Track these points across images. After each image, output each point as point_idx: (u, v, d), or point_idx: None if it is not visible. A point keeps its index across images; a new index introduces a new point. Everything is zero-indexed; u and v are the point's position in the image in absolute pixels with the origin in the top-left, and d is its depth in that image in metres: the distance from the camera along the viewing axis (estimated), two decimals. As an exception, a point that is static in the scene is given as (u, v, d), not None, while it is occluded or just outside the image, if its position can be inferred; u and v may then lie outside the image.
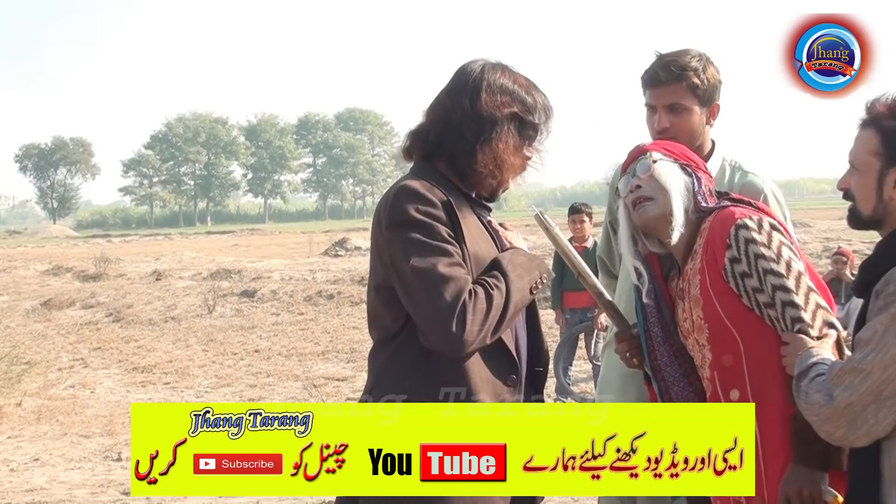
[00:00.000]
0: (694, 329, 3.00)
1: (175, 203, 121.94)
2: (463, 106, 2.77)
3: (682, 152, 3.14)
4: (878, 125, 2.57)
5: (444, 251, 2.61)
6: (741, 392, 2.89)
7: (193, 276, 23.26)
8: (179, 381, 12.75)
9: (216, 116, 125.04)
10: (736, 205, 2.99)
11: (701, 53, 3.51)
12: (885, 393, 2.39)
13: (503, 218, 3.19)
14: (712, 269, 2.90)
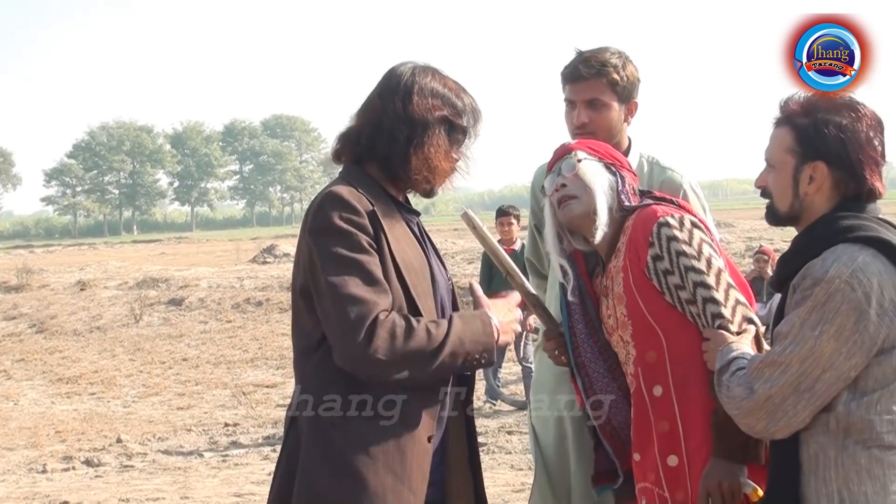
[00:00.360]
0: (618, 326, 3.03)
1: (99, 212, 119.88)
2: (395, 109, 2.74)
3: (607, 151, 3.18)
4: (792, 123, 2.61)
5: (361, 267, 2.56)
6: (664, 388, 2.94)
7: (119, 286, 22.94)
8: (106, 392, 12.59)
9: (141, 124, 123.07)
10: (658, 203, 3.03)
11: (620, 51, 3.55)
12: (803, 385, 2.44)
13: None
14: (635, 267, 2.94)
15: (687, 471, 2.90)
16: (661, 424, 2.95)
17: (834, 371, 2.42)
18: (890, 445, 2.45)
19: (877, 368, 2.43)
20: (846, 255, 2.44)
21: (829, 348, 2.41)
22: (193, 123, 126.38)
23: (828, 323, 2.41)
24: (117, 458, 9.00)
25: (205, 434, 9.81)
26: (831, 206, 2.57)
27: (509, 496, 6.98)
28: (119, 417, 10.97)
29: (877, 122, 2.58)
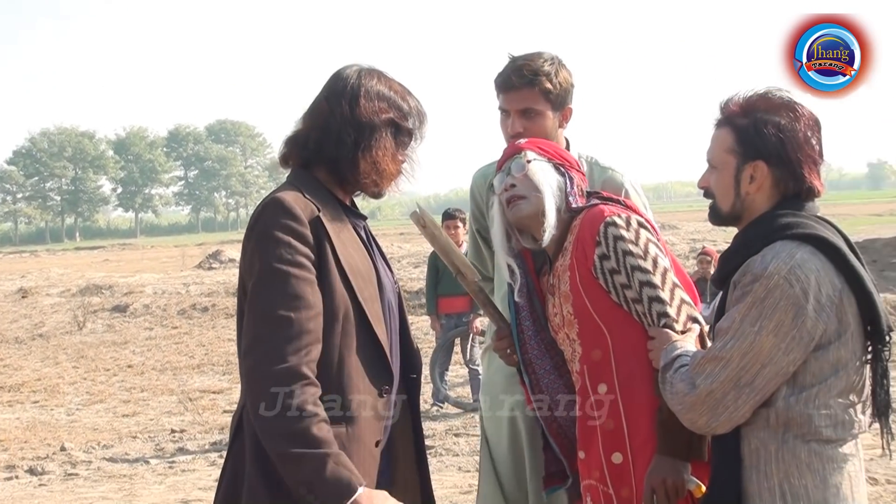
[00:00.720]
0: (564, 324, 3.06)
1: (41, 219, 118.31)
2: (342, 112, 2.73)
3: (556, 151, 3.20)
4: (733, 124, 2.65)
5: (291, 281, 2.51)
6: (609, 386, 2.97)
7: (62, 293, 22.63)
8: (49, 400, 12.42)
9: (83, 130, 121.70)
10: (606, 203, 3.06)
11: (554, 57, 3.53)
12: (743, 380, 2.48)
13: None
14: (582, 266, 2.97)
15: (631, 468, 2.93)
16: (606, 422, 2.98)
17: (773, 366, 2.47)
18: (828, 439, 2.51)
19: (814, 363, 2.49)
20: (785, 251, 2.49)
21: (768, 343, 2.46)
22: (137, 129, 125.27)
23: (767, 318, 2.46)
24: (61, 466, 8.88)
25: (151, 441, 9.72)
26: (771, 204, 2.63)
27: (457, 498, 7.01)
28: (63, 425, 10.82)
29: (814, 122, 2.63)
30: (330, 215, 2.66)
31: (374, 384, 2.67)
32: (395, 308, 2.85)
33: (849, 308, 2.50)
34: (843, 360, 2.50)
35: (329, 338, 2.57)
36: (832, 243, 2.51)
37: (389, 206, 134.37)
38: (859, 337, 2.52)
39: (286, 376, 2.44)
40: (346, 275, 2.62)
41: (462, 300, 10.16)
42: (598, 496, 3.02)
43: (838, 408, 2.51)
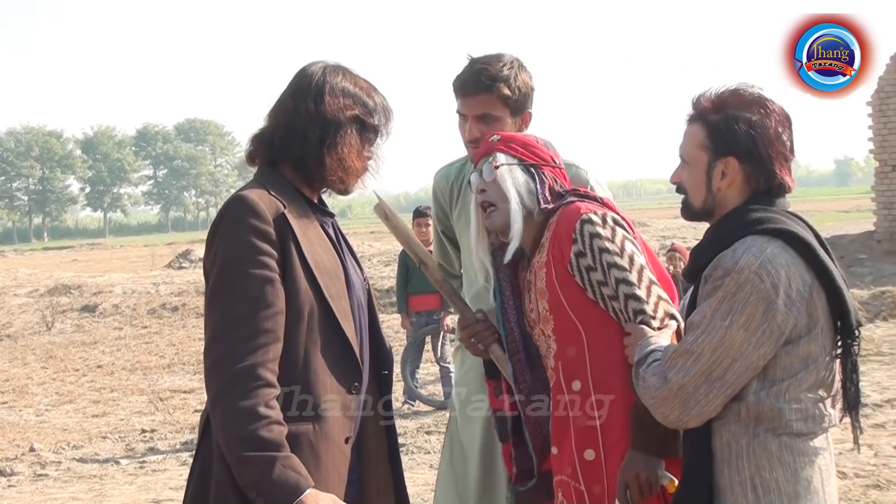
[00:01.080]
0: (540, 320, 3.06)
1: (8, 219, 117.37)
2: (307, 108, 2.72)
3: (529, 149, 3.16)
4: (704, 119, 2.67)
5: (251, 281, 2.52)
6: (583, 383, 2.97)
7: (30, 293, 22.48)
8: (18, 400, 12.34)
9: (50, 129, 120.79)
10: (582, 200, 3.06)
11: (513, 60, 3.49)
12: (714, 374, 2.50)
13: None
14: (558, 263, 2.97)
15: (604, 465, 2.93)
16: (579, 419, 2.98)
17: (744, 360, 2.49)
18: (799, 433, 2.53)
19: (784, 358, 2.51)
20: (756, 246, 2.51)
21: (738, 338, 2.48)
22: (105, 128, 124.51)
23: (737, 313, 2.48)
24: (31, 467, 8.82)
25: (121, 441, 9.68)
26: (743, 199, 2.64)
27: (428, 496, 7.00)
28: (32, 426, 10.76)
29: (785, 118, 2.65)
30: (296, 212, 2.65)
31: (342, 381, 2.66)
32: (364, 305, 2.85)
33: (819, 303, 2.52)
34: (814, 355, 2.52)
35: (295, 336, 2.58)
36: (802, 238, 2.53)
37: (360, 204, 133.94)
38: (829, 332, 2.54)
39: (240, 377, 2.45)
40: (311, 272, 2.61)
41: (432, 298, 10.18)
42: (570, 492, 3.03)
43: (808, 402, 2.53)
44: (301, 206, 2.70)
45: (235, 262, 2.53)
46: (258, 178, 2.75)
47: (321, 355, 2.62)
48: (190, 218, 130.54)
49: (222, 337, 2.50)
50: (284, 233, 2.59)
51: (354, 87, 2.80)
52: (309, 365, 2.60)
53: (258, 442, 2.42)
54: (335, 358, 2.65)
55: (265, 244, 2.55)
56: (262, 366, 2.47)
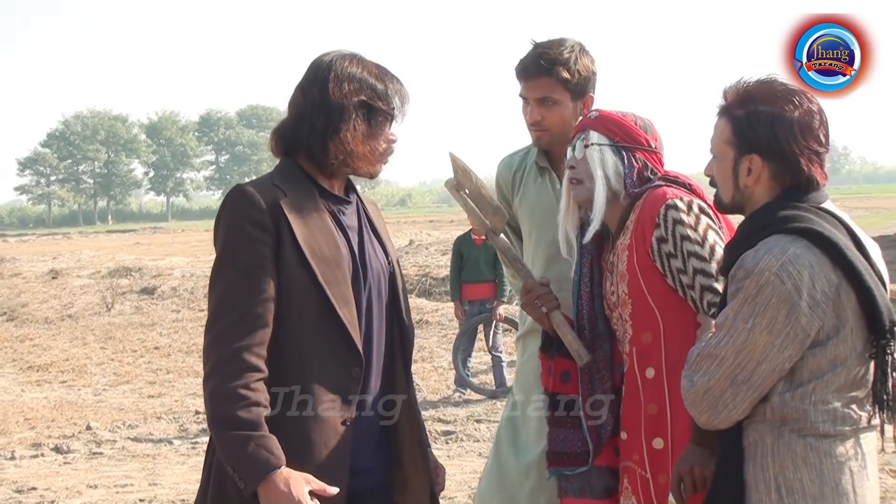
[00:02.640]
0: (619, 304, 3.05)
1: (74, 202, 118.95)
2: (313, 98, 2.78)
3: (624, 130, 3.12)
4: (730, 114, 2.62)
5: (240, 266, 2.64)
6: (656, 370, 2.97)
7: (92, 275, 22.84)
8: (76, 380, 12.55)
9: (115, 114, 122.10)
10: (669, 185, 3.03)
11: (575, 44, 3.52)
12: (739, 377, 2.47)
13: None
14: (640, 247, 2.96)
15: (671, 455, 2.93)
16: (650, 406, 2.98)
17: (769, 363, 2.45)
18: (826, 434, 2.48)
19: (811, 360, 2.46)
20: (777, 246, 2.45)
21: (762, 341, 2.44)
22: (169, 113, 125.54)
23: (759, 316, 2.44)
24: (86, 445, 8.98)
25: (175, 422, 9.81)
26: (773, 195, 2.59)
27: (476, 483, 7.01)
28: (89, 405, 10.94)
29: (813, 111, 2.58)
30: (296, 202, 2.73)
31: (338, 366, 2.71)
32: (384, 289, 2.89)
33: (847, 303, 2.45)
34: (842, 356, 2.46)
35: (288, 321, 2.66)
36: (827, 237, 2.46)
37: (420, 193, 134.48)
38: (860, 332, 2.48)
39: (226, 360, 2.57)
40: (306, 259, 2.68)
41: (486, 287, 10.18)
42: (636, 479, 3.03)
43: (837, 403, 2.48)
44: (305, 195, 2.77)
45: (230, 250, 2.67)
46: (276, 169, 2.86)
47: (315, 340, 2.69)
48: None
49: (215, 320, 2.63)
50: (279, 221, 2.67)
51: (362, 73, 2.82)
52: (301, 350, 2.68)
53: (236, 422, 2.53)
54: (331, 343, 2.70)
55: (259, 232, 2.65)
56: (247, 349, 2.58)
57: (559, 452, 3.23)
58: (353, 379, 2.73)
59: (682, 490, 2.81)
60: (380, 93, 2.81)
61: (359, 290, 2.78)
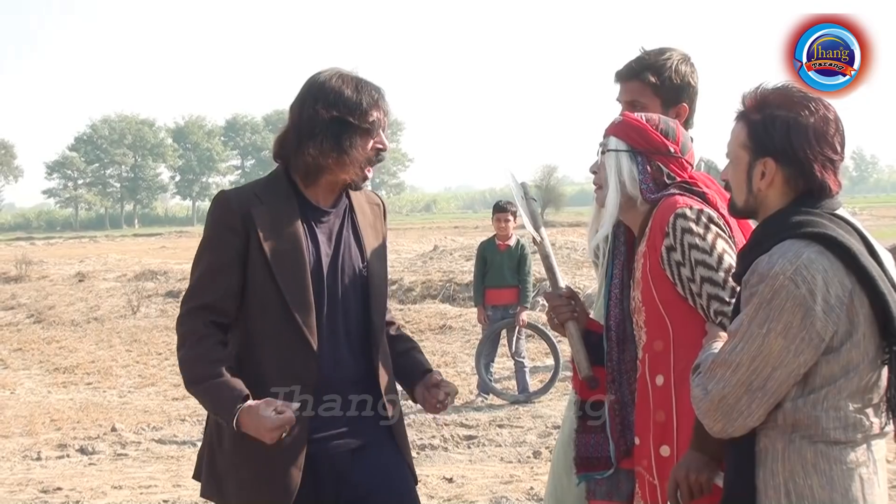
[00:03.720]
0: (635, 310, 3.07)
1: (101, 205, 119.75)
2: (293, 113, 3.12)
3: (642, 136, 3.10)
4: (746, 118, 2.62)
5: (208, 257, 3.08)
6: (665, 378, 2.96)
7: (118, 278, 23.00)
8: (102, 382, 12.63)
9: (142, 118, 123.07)
10: (683, 193, 3.02)
11: (676, 53, 3.50)
12: (754, 384, 2.46)
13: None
14: (652, 255, 2.97)
15: (676, 461, 2.91)
16: (658, 414, 2.98)
17: (784, 369, 2.44)
18: (837, 441, 2.47)
19: (825, 366, 2.45)
20: (791, 251, 2.45)
21: (777, 346, 2.43)
22: (195, 118, 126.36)
23: (774, 321, 2.43)
24: (111, 446, 9.05)
25: (199, 424, 9.84)
26: (786, 201, 2.58)
27: (497, 488, 7.04)
28: (114, 407, 11.01)
29: (830, 119, 2.58)
30: (269, 210, 3.06)
31: (295, 358, 3.03)
32: (355, 292, 3.17)
33: (860, 309, 2.45)
34: (854, 362, 2.45)
35: (251, 315, 3.06)
36: (841, 242, 2.45)
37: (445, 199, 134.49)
38: (872, 338, 2.47)
39: (186, 335, 3.04)
40: (268, 263, 3.02)
41: (509, 292, 10.19)
42: (645, 484, 3.04)
43: (849, 409, 2.47)
44: (281, 204, 3.09)
45: (205, 247, 3.10)
46: (262, 178, 3.24)
47: (275, 335, 3.04)
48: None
49: (185, 302, 3.09)
50: (249, 228, 3.02)
51: (340, 89, 3.08)
52: (263, 342, 3.06)
53: (201, 376, 2.97)
54: (288, 338, 3.03)
55: (230, 234, 3.03)
56: (206, 325, 3.01)
57: (587, 458, 3.24)
58: (311, 371, 3.04)
59: (678, 497, 2.80)
60: (353, 108, 3.07)
61: (321, 292, 3.08)
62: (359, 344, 3.17)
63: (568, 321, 3.24)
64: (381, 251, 3.29)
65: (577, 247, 21.63)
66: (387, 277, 3.34)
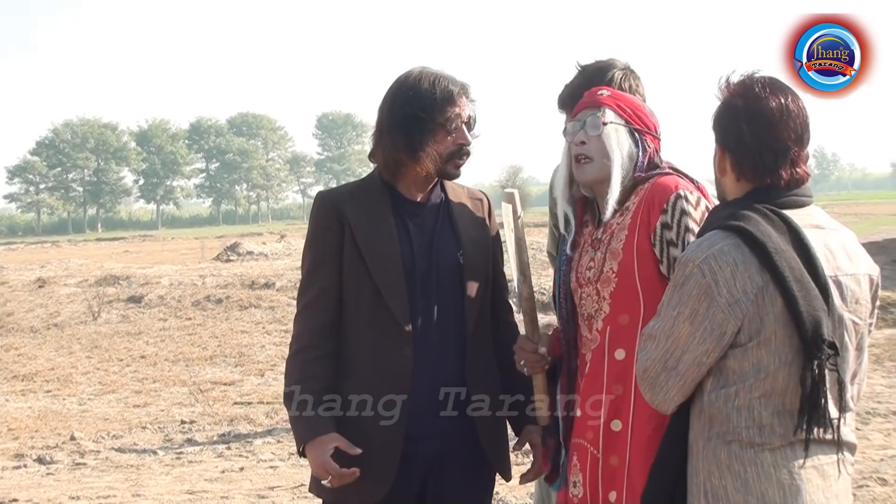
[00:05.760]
0: (599, 279, 3.00)
1: (64, 210, 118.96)
2: (378, 116, 3.23)
3: (636, 112, 3.09)
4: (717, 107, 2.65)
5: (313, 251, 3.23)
6: (627, 353, 2.92)
7: (79, 283, 22.70)
8: (61, 389, 12.44)
9: (105, 122, 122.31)
10: (679, 175, 3.00)
11: (616, 71, 3.39)
12: (669, 363, 2.49)
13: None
14: (643, 229, 2.93)
15: (629, 438, 2.89)
16: (615, 387, 2.94)
17: (691, 353, 2.46)
18: (751, 442, 2.44)
19: (733, 361, 2.44)
20: (708, 241, 2.48)
21: (685, 330, 2.46)
22: (159, 121, 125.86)
23: (683, 304, 2.47)
24: (70, 455, 8.89)
25: (160, 432, 9.72)
26: (740, 191, 2.59)
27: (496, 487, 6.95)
28: (74, 415, 10.84)
29: (789, 108, 2.55)
30: (363, 206, 3.19)
31: (390, 344, 3.13)
32: (451, 282, 3.20)
33: (770, 307, 2.40)
34: (765, 362, 2.42)
35: (348, 304, 3.17)
36: (756, 237, 2.42)
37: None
38: (787, 340, 2.41)
39: (294, 340, 3.22)
40: (361, 255, 3.13)
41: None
42: (586, 457, 3.00)
43: (762, 410, 2.43)
44: (374, 200, 3.22)
45: (306, 246, 3.27)
46: (361, 178, 3.35)
47: (370, 323, 3.15)
48: (241, 211, 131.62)
49: (298, 300, 3.27)
50: (342, 222, 3.16)
51: (416, 86, 3.16)
52: (359, 331, 3.16)
53: (289, 397, 3.13)
54: (383, 325, 3.13)
55: (325, 233, 3.19)
56: (307, 332, 3.17)
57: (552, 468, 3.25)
58: (406, 357, 3.12)
59: None
60: (426, 104, 3.13)
61: (413, 283, 3.15)
62: (454, 335, 3.20)
63: (538, 374, 3.20)
64: (484, 243, 3.32)
65: (541, 247, 21.63)
66: (495, 271, 3.36)
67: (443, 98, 3.13)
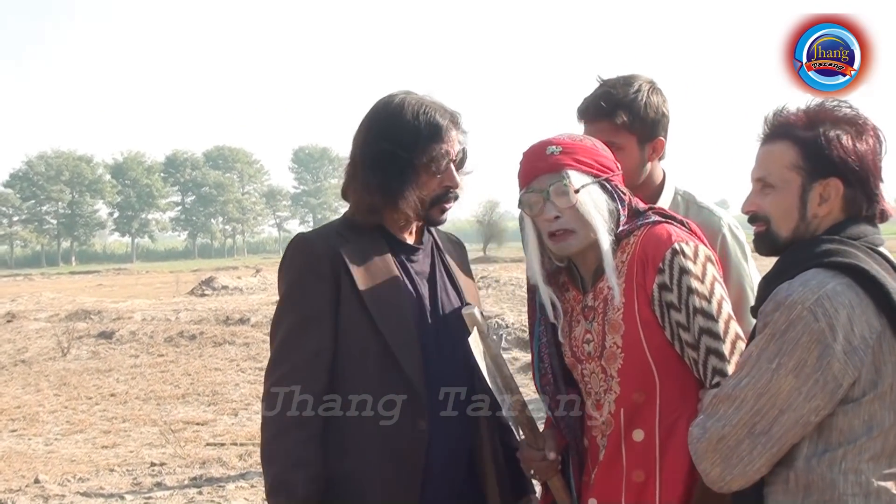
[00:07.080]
0: (601, 355, 2.67)
1: (37, 243, 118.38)
2: (352, 152, 2.82)
3: (596, 160, 2.72)
4: (794, 136, 2.35)
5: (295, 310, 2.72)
6: (647, 434, 2.61)
7: (50, 318, 22.31)
8: (27, 429, 12.07)
9: (80, 154, 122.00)
10: (669, 222, 2.68)
11: (644, 83, 3.15)
12: (758, 427, 2.17)
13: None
14: (641, 294, 2.61)
15: None
16: (635, 473, 2.62)
17: (792, 413, 2.13)
18: None
19: (843, 419, 2.14)
20: (815, 280, 2.16)
21: (787, 385, 2.13)
22: (134, 154, 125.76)
23: (786, 356, 2.14)
24: (33, 500, 8.53)
25: (128, 474, 9.36)
26: (832, 223, 2.32)
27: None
28: (39, 456, 10.47)
29: (881, 137, 2.34)
30: (359, 249, 2.73)
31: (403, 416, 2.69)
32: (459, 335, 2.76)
33: (889, 356, 2.14)
34: (879, 418, 2.14)
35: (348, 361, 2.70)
36: (873, 277, 2.15)
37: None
38: None
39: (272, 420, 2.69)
40: (365, 305, 2.67)
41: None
42: None
43: (871, 474, 2.15)
44: (370, 242, 2.76)
45: (289, 299, 2.75)
46: (343, 216, 2.88)
47: (377, 385, 2.69)
48: (217, 245, 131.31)
49: (272, 369, 2.73)
50: (338, 269, 2.68)
51: (395, 116, 2.73)
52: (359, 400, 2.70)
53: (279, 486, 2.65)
54: (394, 389, 2.68)
55: (316, 281, 2.68)
56: (289, 416, 2.65)
57: None
58: (420, 432, 2.70)
59: None
60: (406, 139, 2.70)
61: (425, 333, 2.75)
62: (464, 403, 2.81)
63: (553, 478, 2.86)
64: (474, 293, 2.99)
65: (520, 283, 21.42)
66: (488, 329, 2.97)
67: (428, 133, 2.71)
